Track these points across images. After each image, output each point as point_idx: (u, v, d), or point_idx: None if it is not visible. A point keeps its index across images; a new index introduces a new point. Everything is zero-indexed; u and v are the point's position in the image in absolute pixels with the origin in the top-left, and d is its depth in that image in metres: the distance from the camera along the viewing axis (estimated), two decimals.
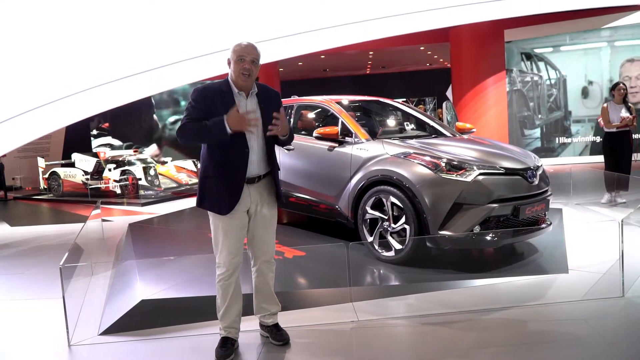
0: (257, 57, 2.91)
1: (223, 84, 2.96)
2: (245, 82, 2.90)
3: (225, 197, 2.89)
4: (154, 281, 4.13)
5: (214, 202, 2.93)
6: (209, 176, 2.94)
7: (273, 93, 3.10)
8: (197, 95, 2.90)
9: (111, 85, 7.27)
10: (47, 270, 5.26)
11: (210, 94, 2.90)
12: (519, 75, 12.40)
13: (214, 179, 2.92)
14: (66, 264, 3.47)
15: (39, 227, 8.38)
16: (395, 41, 13.16)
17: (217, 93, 2.91)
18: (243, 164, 2.90)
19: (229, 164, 2.89)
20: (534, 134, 12.48)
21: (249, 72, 2.87)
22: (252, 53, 2.88)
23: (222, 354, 2.93)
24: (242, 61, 2.86)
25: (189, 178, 11.46)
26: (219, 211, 2.91)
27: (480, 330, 3.20)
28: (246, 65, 2.86)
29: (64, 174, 12.02)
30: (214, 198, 2.92)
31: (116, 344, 3.27)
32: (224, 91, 2.92)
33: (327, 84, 21.46)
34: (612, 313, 3.33)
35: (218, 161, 2.90)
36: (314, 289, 4.11)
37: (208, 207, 2.96)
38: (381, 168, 4.51)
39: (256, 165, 2.96)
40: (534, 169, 4.41)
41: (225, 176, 2.89)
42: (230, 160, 2.89)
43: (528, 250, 4.69)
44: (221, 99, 2.88)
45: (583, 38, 11.89)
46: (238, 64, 2.87)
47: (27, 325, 3.77)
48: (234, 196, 2.89)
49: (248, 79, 2.89)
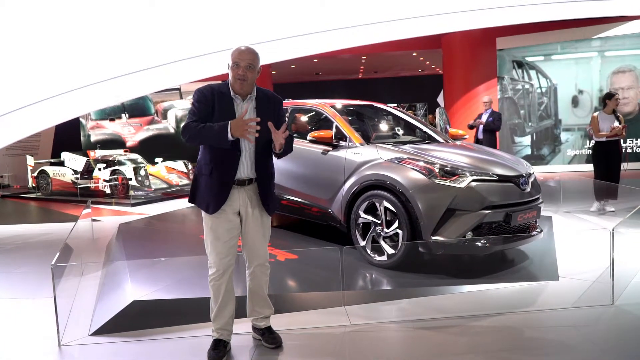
0: (253, 62, 2.90)
1: (223, 85, 2.98)
2: (242, 88, 2.91)
3: (213, 196, 2.93)
4: (145, 282, 4.11)
5: (202, 200, 2.97)
6: (201, 174, 2.99)
7: (273, 99, 3.09)
8: (199, 96, 2.93)
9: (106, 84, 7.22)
10: (35, 270, 5.21)
11: (210, 94, 2.93)
12: (510, 82, 12.51)
13: (205, 177, 2.96)
14: (57, 263, 3.43)
15: (27, 226, 8.30)
16: (389, 46, 13.22)
17: (217, 94, 2.94)
18: (233, 165, 2.92)
19: (219, 164, 2.91)
20: (524, 142, 12.59)
21: (243, 77, 2.88)
22: (247, 58, 2.88)
23: (215, 356, 2.92)
24: (237, 67, 2.88)
25: (180, 179, 11.40)
26: (207, 209, 2.95)
27: (471, 336, 3.22)
28: (240, 72, 2.87)
29: (53, 172, 11.91)
30: (204, 196, 2.96)
31: (107, 344, 3.25)
32: (223, 92, 2.94)
33: (320, 87, 21.51)
34: (602, 320, 3.36)
35: (209, 160, 2.94)
36: (307, 292, 4.10)
37: (197, 204, 3.01)
38: (375, 172, 4.52)
39: (247, 168, 2.97)
40: (526, 177, 4.45)
41: (214, 175, 2.92)
42: (222, 161, 2.91)
43: (518, 257, 4.73)
44: (220, 100, 2.92)
45: (574, 47, 12.02)
46: (234, 70, 2.89)
47: (16, 325, 3.74)
48: (221, 196, 2.92)
49: (243, 84, 2.90)
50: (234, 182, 2.94)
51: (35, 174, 12.31)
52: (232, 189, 2.94)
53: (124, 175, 10.79)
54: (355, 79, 22.76)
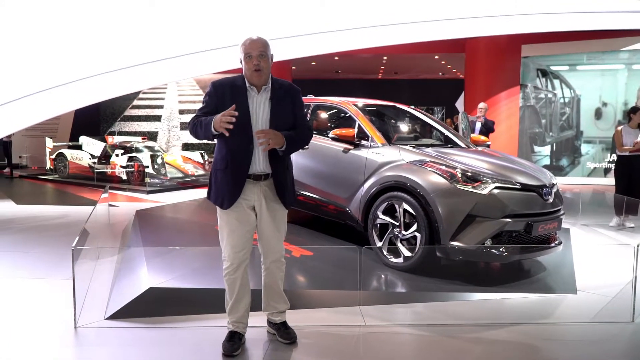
0: (264, 50, 2.87)
1: (238, 78, 2.96)
2: (259, 78, 2.88)
3: (227, 191, 2.91)
4: (162, 270, 4.11)
5: (218, 195, 2.96)
6: (216, 169, 2.98)
7: (290, 89, 3.04)
8: (210, 90, 2.94)
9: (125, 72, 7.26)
10: (50, 251, 5.26)
11: (221, 89, 2.92)
12: (533, 91, 12.37)
13: (220, 172, 2.95)
14: (77, 246, 3.45)
15: (43, 207, 8.39)
16: (411, 48, 13.13)
17: (230, 87, 2.92)
18: (247, 159, 2.90)
19: (233, 158, 2.90)
20: (543, 152, 12.45)
21: (258, 67, 2.85)
22: (258, 47, 2.86)
23: (230, 348, 2.92)
24: (250, 58, 2.86)
25: (195, 169, 11.45)
26: (221, 205, 2.94)
27: (487, 344, 3.19)
28: (254, 62, 2.85)
29: (71, 155, 12.03)
30: (219, 191, 2.95)
31: (123, 329, 3.26)
32: (237, 85, 2.92)
33: (338, 85, 21.42)
34: (622, 337, 3.31)
35: (224, 156, 2.93)
36: (321, 290, 4.09)
37: (213, 200, 3.00)
38: (396, 174, 4.49)
39: (262, 163, 2.94)
40: (549, 187, 4.39)
41: (228, 171, 2.91)
42: (235, 155, 2.90)
43: (536, 268, 4.67)
44: (232, 93, 2.89)
45: (601, 59, 11.85)
46: (248, 62, 2.87)
47: (33, 305, 3.77)
48: (235, 191, 2.90)
49: (261, 74, 2.87)
50: (249, 177, 2.92)
51: (53, 156, 12.44)
52: (247, 184, 2.92)
53: (140, 162, 10.86)
54: (374, 79, 22.66)
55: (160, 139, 16.71)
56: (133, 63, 7.21)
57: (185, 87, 16.89)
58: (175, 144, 16.61)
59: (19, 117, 6.94)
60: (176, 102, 16.94)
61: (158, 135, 16.80)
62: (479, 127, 9.02)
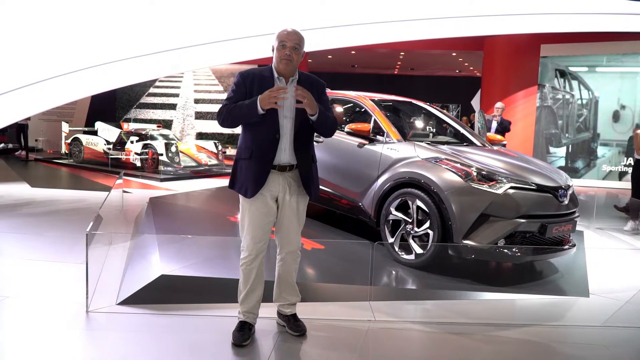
0: (299, 44, 2.90)
1: (266, 69, 2.98)
2: (286, 68, 2.90)
3: (252, 180, 2.91)
4: (174, 257, 4.14)
5: (242, 184, 2.96)
6: (240, 158, 2.98)
7: (316, 83, 3.08)
8: (238, 79, 2.95)
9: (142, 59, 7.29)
10: (64, 235, 5.31)
11: (250, 79, 2.93)
12: (550, 91, 12.23)
13: (244, 161, 2.95)
14: (91, 231, 3.48)
15: (58, 191, 8.46)
16: (429, 44, 13.07)
17: (258, 78, 2.94)
18: (272, 149, 2.90)
19: (258, 148, 2.90)
20: (559, 153, 12.33)
21: (289, 57, 2.87)
22: (293, 39, 2.88)
23: (240, 338, 2.93)
24: (284, 47, 2.87)
25: (209, 159, 11.48)
26: (245, 194, 2.95)
27: (497, 344, 3.17)
28: (287, 52, 2.87)
29: (86, 141, 12.11)
30: (243, 180, 2.95)
31: (134, 315, 3.29)
32: (265, 76, 2.94)
33: (354, 79, 21.35)
34: (633, 342, 3.27)
35: (249, 145, 2.93)
36: (332, 283, 4.09)
37: (237, 189, 3.00)
38: (410, 170, 4.47)
39: (288, 154, 2.94)
40: (565, 188, 4.35)
41: (253, 159, 2.91)
42: (260, 144, 2.90)
43: (548, 270, 4.64)
44: (260, 84, 2.90)
45: (621, 61, 11.68)
46: (280, 50, 2.88)
47: (46, 288, 3.81)
48: (259, 180, 2.91)
49: (289, 64, 2.89)
50: (274, 167, 2.93)
51: (68, 140, 12.54)
52: (272, 174, 2.93)
53: (155, 150, 10.91)
54: (390, 74, 22.56)
55: (175, 127, 16.81)
56: (151, 51, 7.23)
57: (202, 76, 16.95)
58: (189, 133, 16.71)
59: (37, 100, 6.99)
60: (192, 91, 17.02)
61: (173, 124, 16.91)
62: (495, 126, 8.98)
